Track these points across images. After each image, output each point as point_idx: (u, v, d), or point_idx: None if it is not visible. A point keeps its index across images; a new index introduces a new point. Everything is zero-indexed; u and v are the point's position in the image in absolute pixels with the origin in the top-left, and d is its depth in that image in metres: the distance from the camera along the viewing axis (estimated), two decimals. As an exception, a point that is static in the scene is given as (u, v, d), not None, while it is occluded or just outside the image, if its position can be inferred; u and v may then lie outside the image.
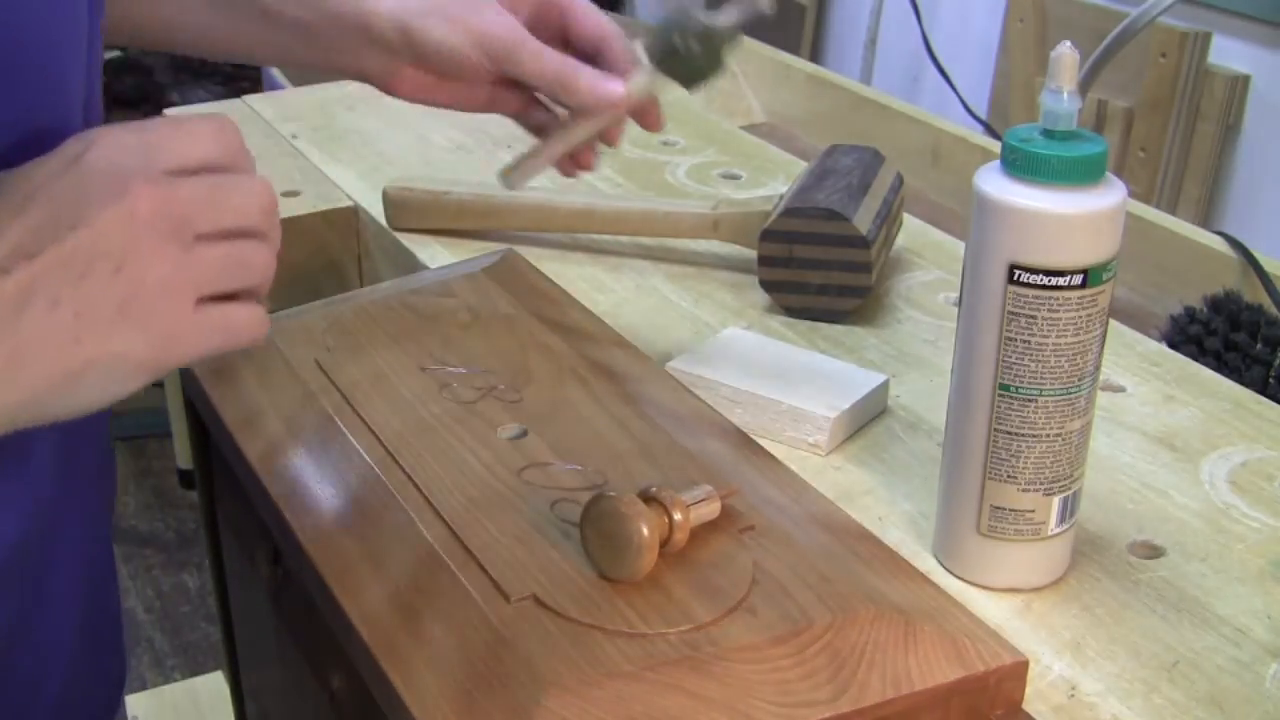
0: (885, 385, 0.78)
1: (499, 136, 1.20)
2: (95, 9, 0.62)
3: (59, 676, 0.68)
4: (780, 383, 0.76)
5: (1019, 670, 0.54)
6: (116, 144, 0.53)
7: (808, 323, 0.88)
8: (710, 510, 0.57)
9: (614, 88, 0.73)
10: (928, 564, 0.66)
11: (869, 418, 0.77)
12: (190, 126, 0.55)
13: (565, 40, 0.76)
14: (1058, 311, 0.59)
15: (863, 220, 0.86)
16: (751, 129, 1.33)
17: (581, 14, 0.76)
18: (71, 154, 0.53)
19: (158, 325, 0.52)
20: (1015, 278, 0.59)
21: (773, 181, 1.11)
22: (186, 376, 0.74)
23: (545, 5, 0.76)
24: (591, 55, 0.76)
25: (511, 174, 0.78)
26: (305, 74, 2.07)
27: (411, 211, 1.00)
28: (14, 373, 0.50)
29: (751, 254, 0.90)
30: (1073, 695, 0.58)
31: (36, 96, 0.57)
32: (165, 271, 0.52)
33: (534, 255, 0.80)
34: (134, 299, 0.51)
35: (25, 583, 0.64)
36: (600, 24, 0.76)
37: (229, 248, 0.54)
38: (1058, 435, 0.61)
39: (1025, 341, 0.60)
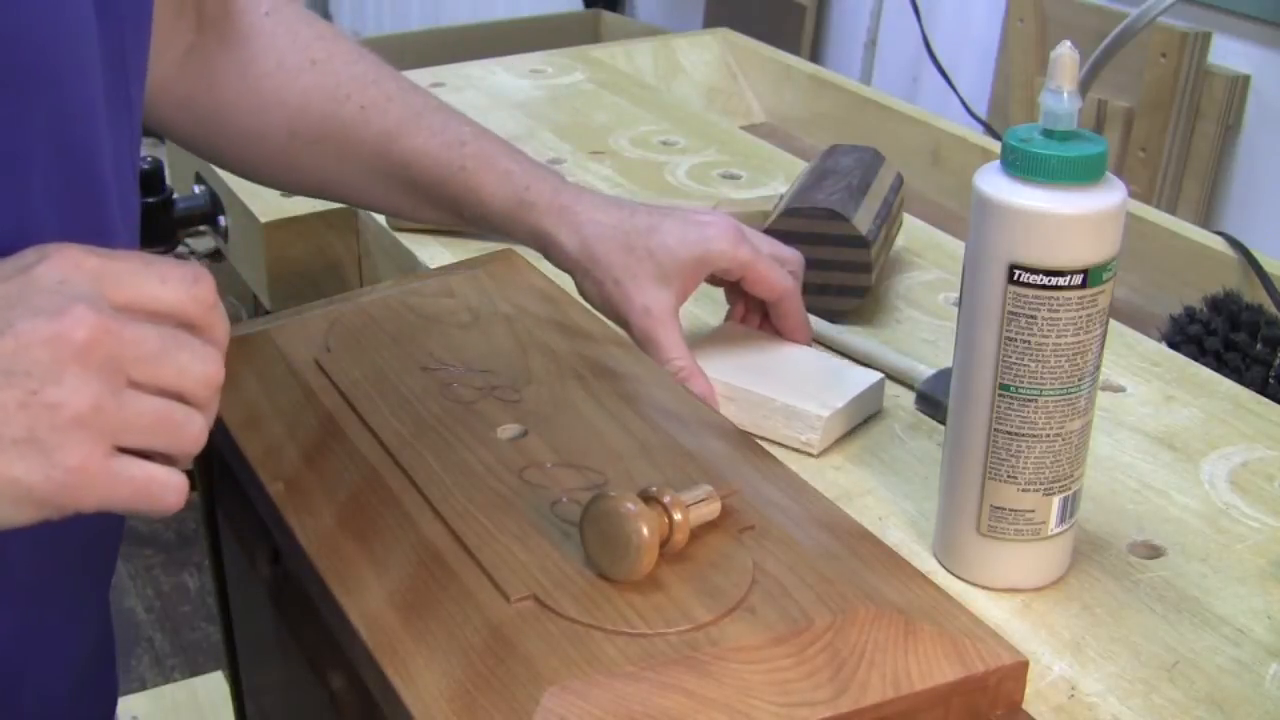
0: (880, 384, 0.78)
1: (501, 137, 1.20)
2: (122, 26, 0.61)
3: (57, 706, 0.68)
4: (774, 380, 0.76)
5: (1019, 670, 0.54)
6: (74, 263, 0.50)
7: (808, 323, 0.88)
8: (710, 510, 0.57)
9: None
10: (928, 564, 0.66)
11: (863, 417, 0.77)
12: (162, 268, 0.52)
13: (742, 293, 0.82)
14: (1058, 311, 0.59)
15: (863, 220, 0.86)
16: (751, 129, 1.33)
17: (762, 274, 0.79)
18: (25, 262, 0.50)
19: (63, 461, 0.48)
20: (1015, 278, 0.59)
21: (773, 181, 1.11)
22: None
23: (722, 270, 0.79)
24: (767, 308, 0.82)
25: None
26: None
27: (411, 211, 1.00)
28: None
29: (751, 254, 0.90)
30: (1073, 695, 0.58)
31: (37, 94, 0.56)
32: (84, 407, 0.48)
33: (534, 255, 0.80)
34: (45, 426, 0.48)
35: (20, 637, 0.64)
36: (776, 285, 0.79)
37: (161, 405, 0.50)
38: (1058, 435, 0.61)
39: (1025, 341, 0.60)
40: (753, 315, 0.83)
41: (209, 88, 0.79)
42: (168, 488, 0.51)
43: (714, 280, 0.81)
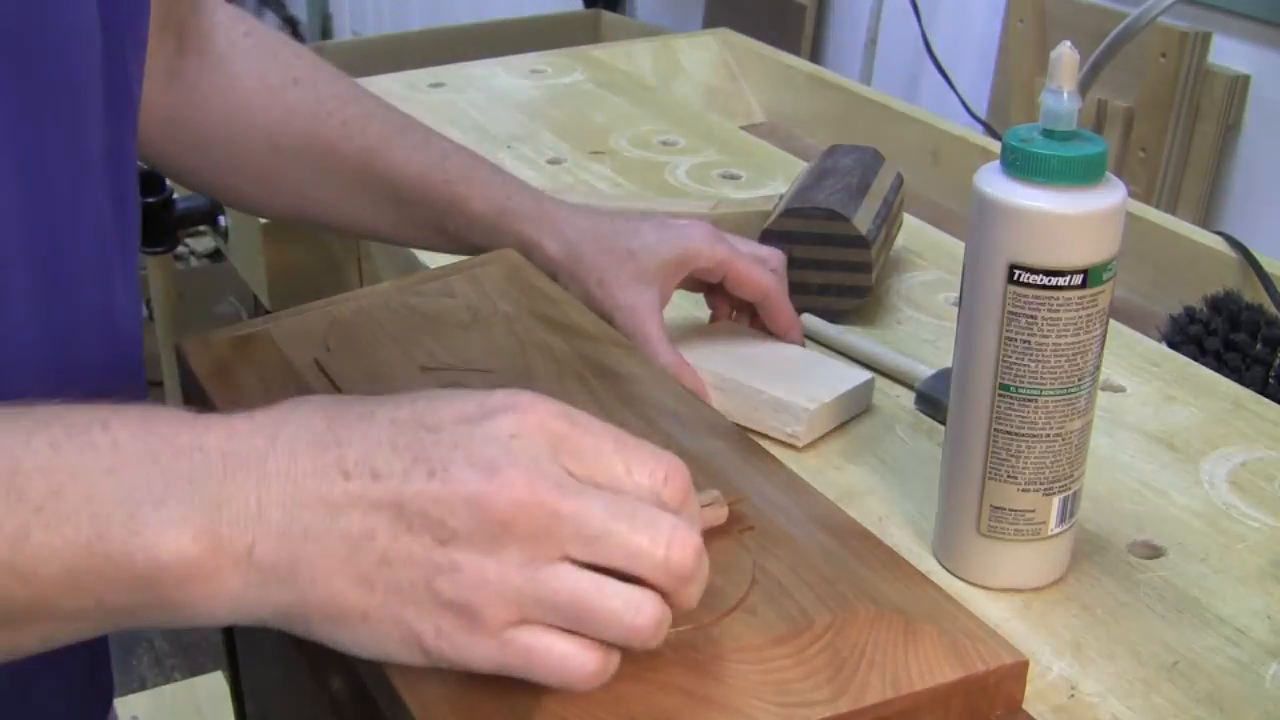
0: (870, 383, 0.78)
1: (499, 137, 1.20)
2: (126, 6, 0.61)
3: (54, 709, 0.68)
4: (764, 373, 0.77)
5: (1019, 670, 0.54)
6: (538, 424, 0.47)
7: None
8: (716, 516, 0.57)
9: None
10: (928, 564, 0.66)
11: (852, 414, 0.77)
12: (631, 453, 0.47)
13: (725, 294, 0.82)
14: (1058, 311, 0.59)
15: (863, 220, 0.87)
16: (751, 129, 1.33)
17: (743, 273, 0.79)
18: (491, 406, 0.47)
19: (454, 618, 0.46)
20: (1015, 278, 0.59)
21: (773, 181, 1.11)
22: (186, 376, 0.74)
23: (701, 270, 0.80)
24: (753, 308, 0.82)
25: None
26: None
27: (411, 211, 1.00)
28: (293, 579, 0.46)
29: (751, 254, 0.90)
30: (1073, 695, 0.58)
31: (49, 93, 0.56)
32: (489, 575, 0.45)
33: (534, 255, 0.80)
34: (443, 581, 0.45)
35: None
36: (760, 284, 0.80)
37: (585, 582, 0.45)
38: (1058, 435, 0.61)
39: (1025, 341, 0.60)
40: (741, 318, 0.84)
41: (192, 109, 0.80)
42: (571, 663, 0.46)
43: (696, 285, 0.82)
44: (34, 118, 0.55)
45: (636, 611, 0.46)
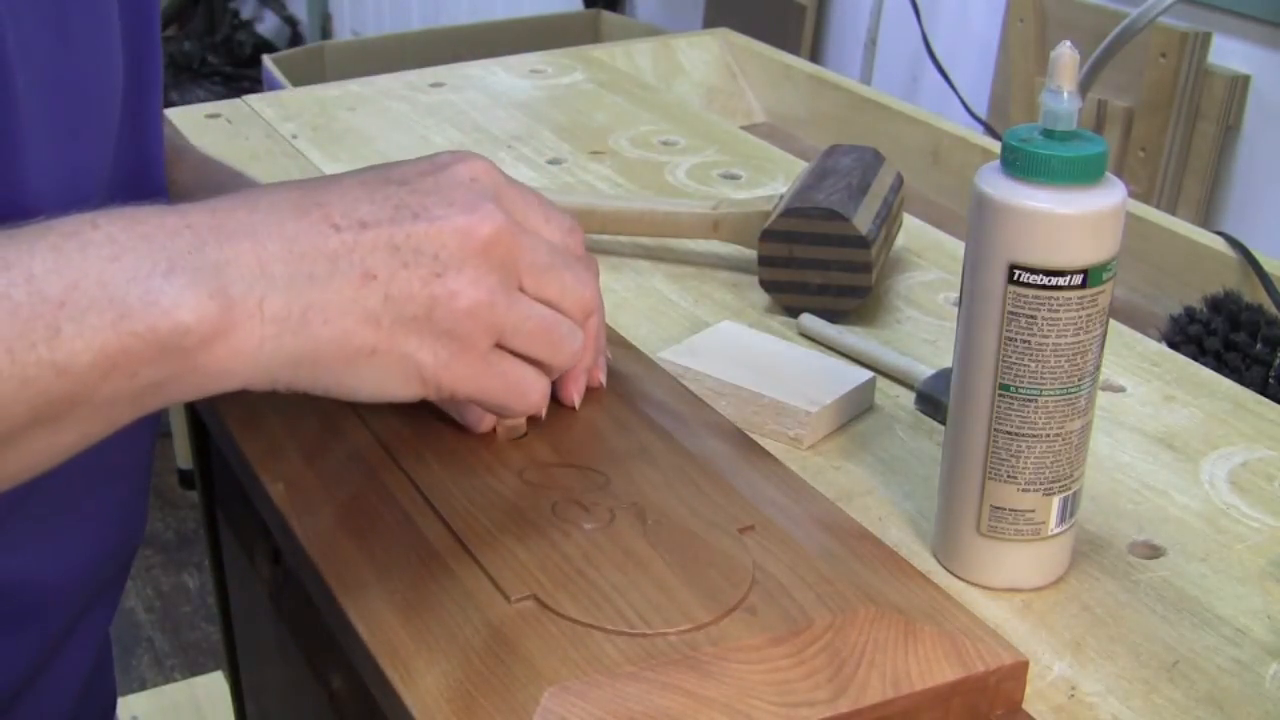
0: (871, 383, 0.78)
1: (499, 137, 1.20)
2: None
3: (60, 712, 0.69)
4: (765, 376, 0.77)
5: (1019, 670, 0.54)
6: (488, 173, 0.54)
7: (808, 323, 0.88)
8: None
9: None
10: (928, 564, 0.66)
11: (853, 414, 0.77)
12: (547, 209, 0.56)
13: None
14: (1058, 311, 0.59)
15: (863, 220, 0.87)
16: (751, 129, 1.33)
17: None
18: (441, 161, 0.54)
19: (450, 345, 0.52)
20: (1015, 278, 0.59)
21: (773, 181, 1.12)
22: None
23: None
24: None
25: None
26: (305, 74, 2.08)
27: (411, 211, 1.00)
28: (305, 325, 0.49)
29: (751, 254, 0.90)
30: (1073, 695, 0.58)
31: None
32: (480, 297, 0.51)
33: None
34: (442, 309, 0.51)
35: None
36: None
37: (547, 314, 0.54)
38: (1058, 435, 0.61)
39: (1025, 341, 0.60)
40: None
41: None
42: (534, 388, 0.55)
43: None
44: (69, 136, 0.58)
45: (575, 336, 0.56)
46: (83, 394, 0.46)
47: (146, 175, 0.66)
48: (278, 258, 0.49)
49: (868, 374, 0.78)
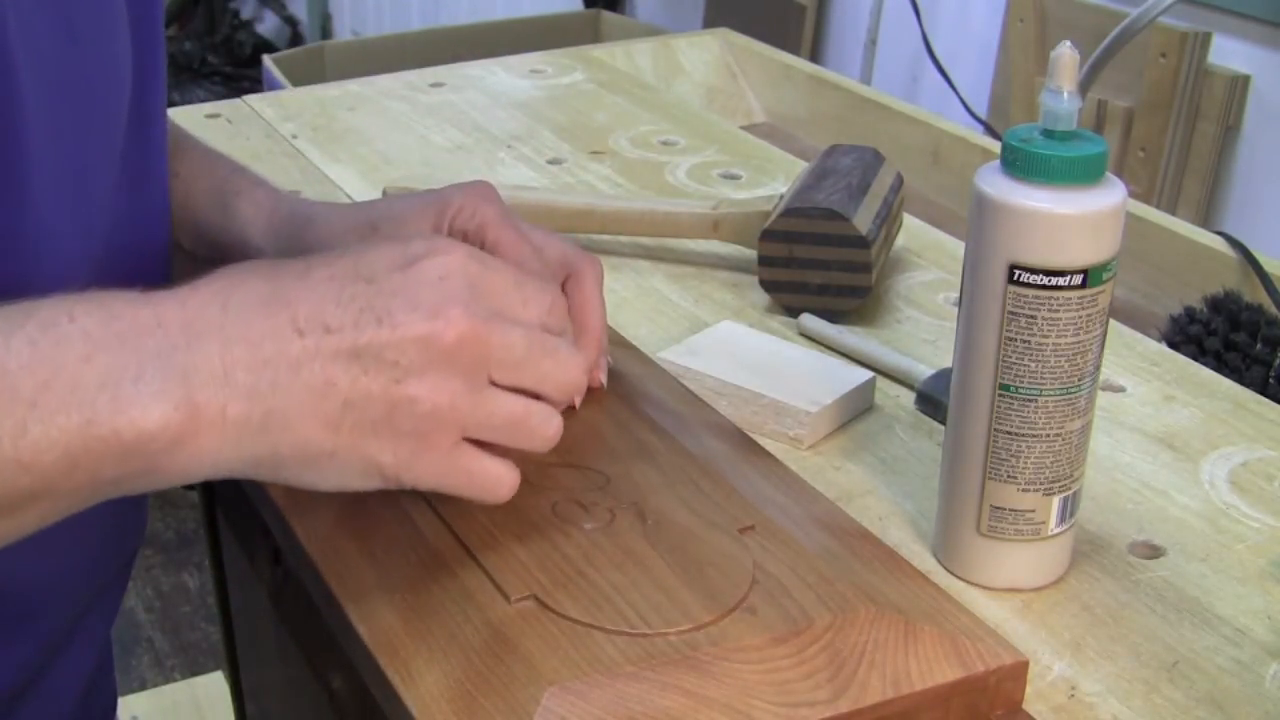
0: (871, 383, 0.78)
1: (499, 137, 1.20)
2: None
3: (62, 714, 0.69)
4: (766, 377, 0.77)
5: (1019, 670, 0.54)
6: (460, 267, 0.53)
7: (808, 323, 0.88)
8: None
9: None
10: (928, 564, 0.66)
11: (853, 414, 0.77)
12: (527, 291, 0.56)
13: None
14: (1058, 311, 0.59)
15: (863, 220, 0.87)
16: (751, 129, 1.33)
17: (499, 240, 0.67)
18: (412, 253, 0.53)
19: (411, 444, 0.52)
20: (1015, 278, 0.59)
21: (773, 181, 1.11)
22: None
23: (458, 226, 0.69)
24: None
25: None
26: (305, 74, 2.08)
27: (411, 211, 1.00)
28: (265, 430, 0.50)
29: (751, 254, 0.90)
30: (1073, 695, 0.58)
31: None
32: (440, 401, 0.51)
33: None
34: (402, 414, 0.51)
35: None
36: (512, 253, 0.66)
37: (517, 406, 0.54)
38: (1058, 435, 0.61)
39: (1025, 341, 0.60)
40: None
41: None
42: (501, 482, 0.55)
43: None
44: (76, 134, 0.58)
45: (549, 423, 0.55)
46: (44, 489, 0.48)
47: (150, 170, 0.66)
48: (242, 363, 0.50)
49: (868, 374, 0.79)
